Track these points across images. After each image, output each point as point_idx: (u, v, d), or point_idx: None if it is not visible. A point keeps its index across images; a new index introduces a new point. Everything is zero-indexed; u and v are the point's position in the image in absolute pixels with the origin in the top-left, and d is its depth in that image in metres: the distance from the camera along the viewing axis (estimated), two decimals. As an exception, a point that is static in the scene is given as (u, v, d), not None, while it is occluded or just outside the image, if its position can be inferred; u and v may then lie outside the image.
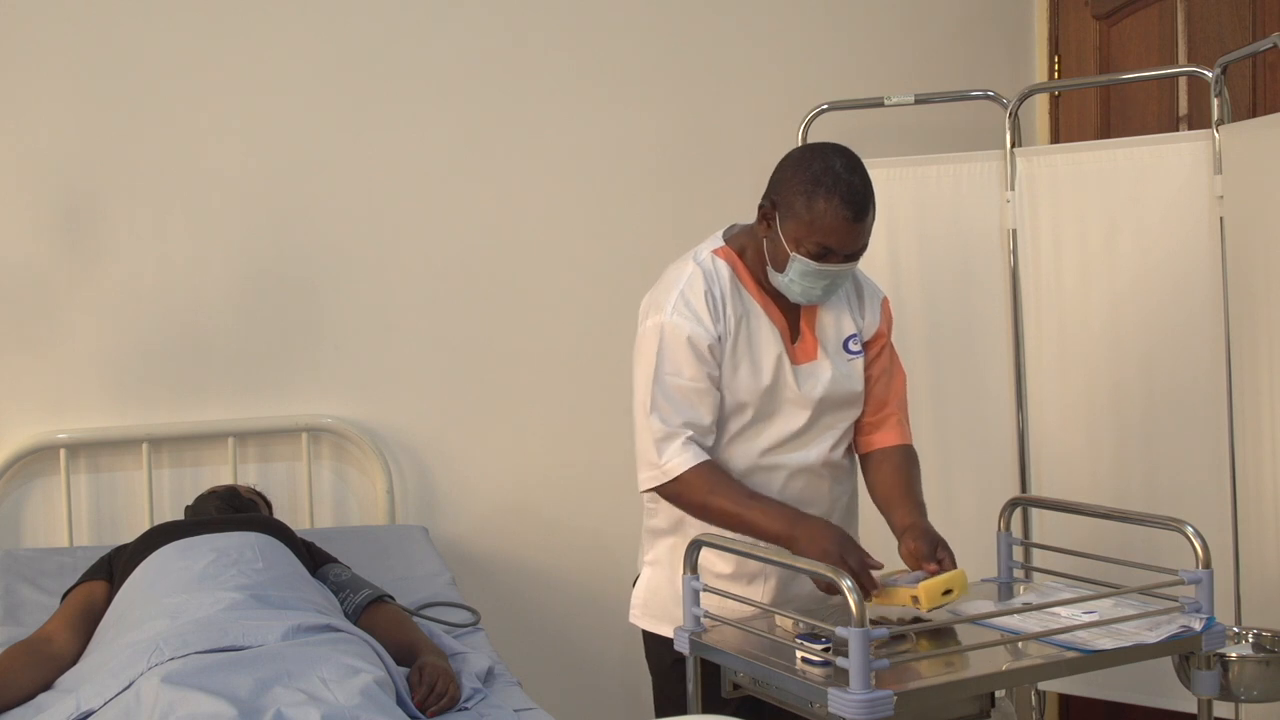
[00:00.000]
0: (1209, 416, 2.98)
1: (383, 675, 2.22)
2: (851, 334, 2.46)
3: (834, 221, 2.25)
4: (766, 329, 2.38)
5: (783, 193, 2.30)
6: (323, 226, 3.32)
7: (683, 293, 2.33)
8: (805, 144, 2.38)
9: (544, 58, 3.49)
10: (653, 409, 2.30)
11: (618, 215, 3.53)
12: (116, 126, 3.17)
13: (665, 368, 2.31)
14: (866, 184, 2.28)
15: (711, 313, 2.32)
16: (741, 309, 2.37)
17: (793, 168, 2.31)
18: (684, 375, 2.30)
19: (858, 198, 2.26)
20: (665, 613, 2.43)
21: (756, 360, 2.36)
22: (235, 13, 3.24)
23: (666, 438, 2.29)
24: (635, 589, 2.52)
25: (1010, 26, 3.85)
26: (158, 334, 3.21)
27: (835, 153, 2.30)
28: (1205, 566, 2.29)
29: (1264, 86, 3.12)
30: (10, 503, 3.12)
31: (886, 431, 2.50)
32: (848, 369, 2.44)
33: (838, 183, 2.24)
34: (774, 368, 2.36)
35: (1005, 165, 3.24)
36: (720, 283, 2.36)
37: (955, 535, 3.25)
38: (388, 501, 3.31)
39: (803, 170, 2.28)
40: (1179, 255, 3.03)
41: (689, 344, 2.30)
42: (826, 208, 2.24)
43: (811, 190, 2.25)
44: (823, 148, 2.33)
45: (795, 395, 2.38)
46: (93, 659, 2.35)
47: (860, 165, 2.30)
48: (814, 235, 2.26)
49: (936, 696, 2.03)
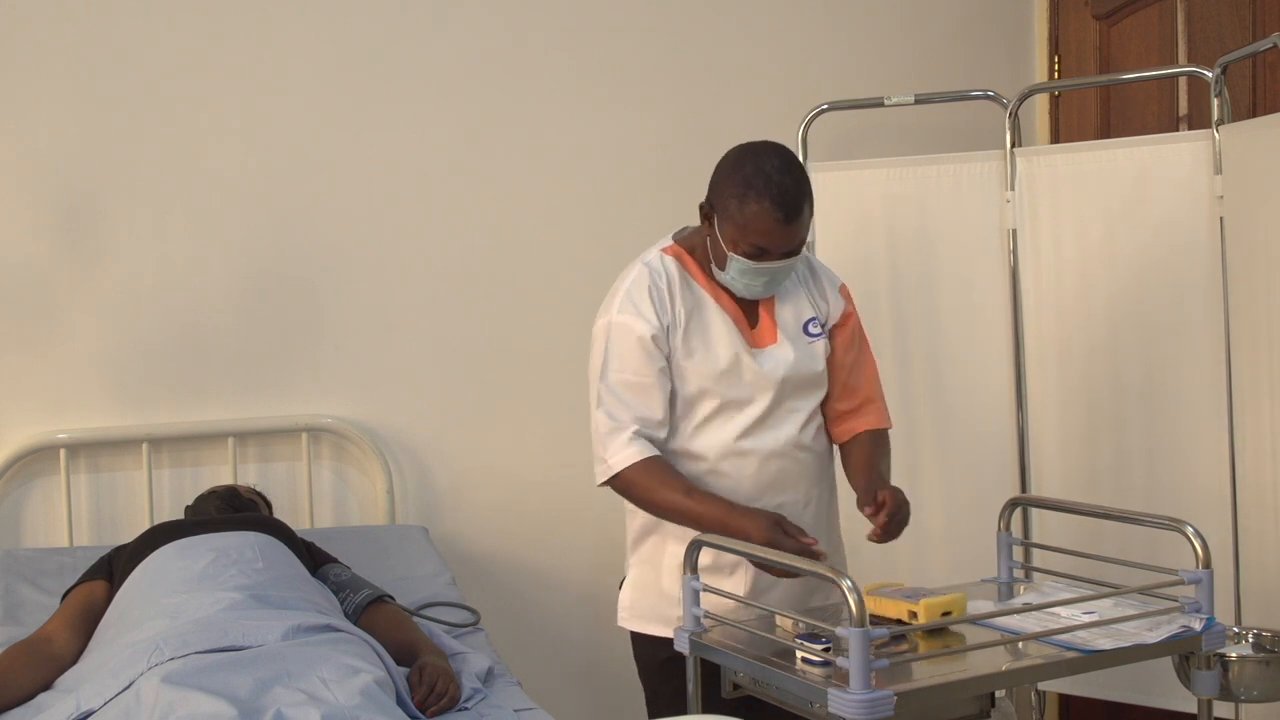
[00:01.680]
0: (1209, 416, 2.98)
1: (383, 675, 2.22)
2: (811, 317, 2.48)
3: (766, 224, 2.28)
4: (719, 317, 2.41)
5: (718, 195, 2.34)
6: (323, 226, 3.32)
7: (628, 291, 2.39)
8: (743, 144, 2.38)
9: (544, 58, 3.49)
10: (599, 405, 2.36)
11: (618, 215, 3.53)
12: (116, 126, 3.17)
13: (612, 365, 2.36)
14: (800, 184, 2.30)
15: (656, 306, 2.36)
16: (692, 301, 2.41)
17: (727, 170, 2.34)
18: (630, 370, 2.35)
19: (789, 199, 2.27)
20: (653, 612, 2.45)
21: (710, 346, 2.39)
22: (235, 13, 3.24)
23: (612, 432, 2.34)
24: (622, 591, 2.53)
25: (1010, 26, 3.85)
26: (158, 334, 3.21)
27: (769, 153, 2.32)
28: (1205, 566, 2.29)
29: (1264, 86, 3.12)
30: (10, 503, 3.12)
31: (863, 418, 2.52)
32: (809, 350, 2.46)
33: (769, 185, 2.27)
34: (730, 352, 2.39)
35: (1005, 165, 3.24)
36: (668, 278, 2.41)
37: (955, 535, 3.28)
38: (388, 501, 3.31)
39: (736, 173, 2.31)
40: (1179, 255, 3.03)
41: (634, 339, 2.35)
42: (758, 210, 2.27)
43: (743, 193, 2.28)
44: (757, 148, 2.35)
45: (756, 377, 2.40)
46: (93, 659, 2.35)
47: (795, 165, 2.32)
48: (748, 237, 2.30)
49: (936, 696, 2.03)
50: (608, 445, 2.34)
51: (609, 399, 2.35)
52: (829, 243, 3.36)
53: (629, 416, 2.34)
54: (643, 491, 2.35)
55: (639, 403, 2.35)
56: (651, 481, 2.33)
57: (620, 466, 2.32)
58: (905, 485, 3.29)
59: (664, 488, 2.32)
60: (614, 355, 2.36)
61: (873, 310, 3.33)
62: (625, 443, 2.32)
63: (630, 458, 2.32)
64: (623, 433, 2.33)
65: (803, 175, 2.32)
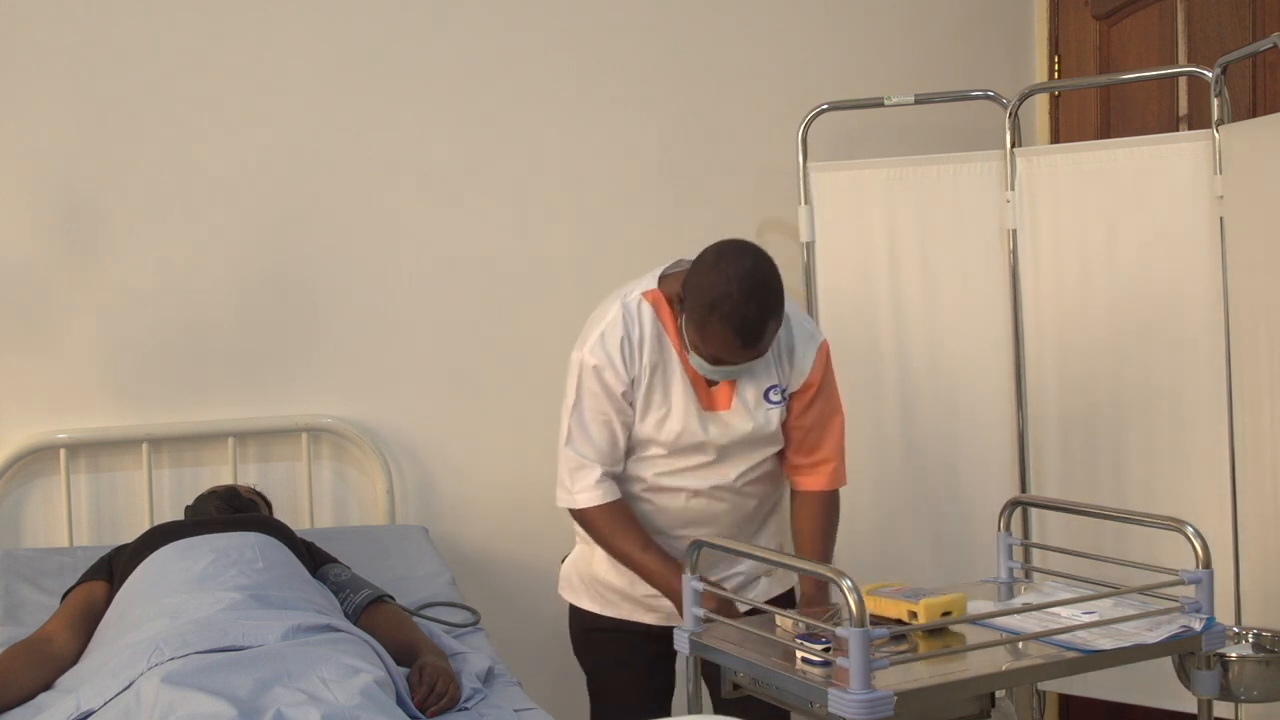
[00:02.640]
0: (1209, 416, 2.98)
1: (383, 675, 2.21)
2: (773, 385, 2.52)
3: (725, 347, 2.35)
4: (679, 378, 2.49)
5: (688, 298, 2.37)
6: (323, 226, 3.32)
7: (603, 334, 2.48)
8: (721, 248, 2.38)
9: (544, 58, 3.49)
10: (568, 441, 2.49)
11: (618, 215, 3.53)
12: (116, 126, 3.17)
13: (583, 403, 2.48)
14: (764, 309, 2.31)
15: (625, 357, 2.45)
16: (658, 355, 2.48)
17: (699, 276, 2.35)
18: (600, 412, 2.47)
19: (750, 328, 2.31)
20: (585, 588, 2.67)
21: (668, 406, 2.49)
22: (235, 13, 3.24)
23: (579, 469, 2.48)
24: (564, 564, 2.75)
25: (1010, 26, 3.85)
26: (158, 334, 3.20)
27: (739, 272, 2.30)
28: (1205, 566, 2.29)
29: (1264, 86, 3.12)
30: (10, 503, 3.12)
31: (816, 477, 2.58)
32: (765, 418, 2.53)
33: (733, 313, 2.29)
34: (683, 416, 2.49)
35: (1005, 165, 3.24)
36: (641, 327, 2.47)
37: (955, 535, 3.28)
38: (388, 501, 3.31)
39: (705, 291, 2.32)
40: (1179, 255, 3.03)
41: (602, 385, 2.46)
42: (720, 333, 2.32)
43: (707, 313, 2.32)
44: (732, 262, 2.33)
45: (702, 441, 2.50)
46: (93, 659, 2.35)
47: (762, 286, 2.31)
48: (709, 349, 2.37)
49: (936, 696, 2.03)
50: (575, 480, 2.49)
51: (578, 436, 2.48)
52: (829, 243, 3.36)
53: (595, 455, 2.48)
54: (601, 533, 2.52)
55: (605, 441, 2.48)
56: (611, 527, 2.49)
57: (585, 505, 2.49)
58: (906, 486, 3.33)
59: (621, 537, 2.49)
60: (585, 394, 2.48)
61: (873, 310, 3.35)
62: (592, 484, 2.48)
63: (595, 499, 2.48)
64: (590, 472, 2.48)
65: (769, 295, 2.32)
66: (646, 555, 2.48)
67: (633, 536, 2.49)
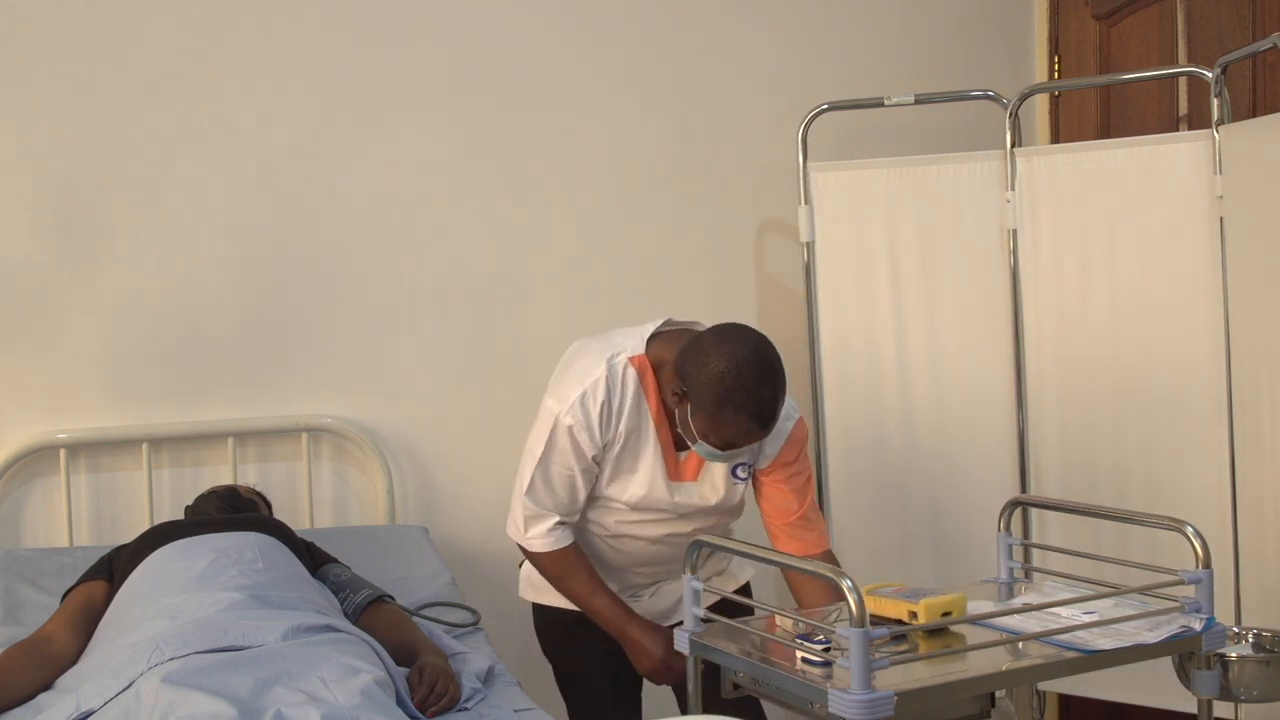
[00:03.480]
0: (1209, 416, 2.98)
1: (383, 675, 2.21)
2: (741, 462, 2.53)
3: (740, 434, 2.34)
4: (652, 448, 2.50)
5: (694, 390, 2.33)
6: (323, 227, 3.32)
7: (584, 396, 2.45)
8: (720, 334, 2.36)
9: (544, 58, 3.49)
10: (529, 491, 2.50)
11: (617, 215, 3.53)
12: (117, 127, 3.17)
13: (551, 458, 2.48)
14: (776, 391, 2.32)
15: (603, 424, 2.45)
16: (635, 422, 2.48)
17: (704, 368, 2.31)
18: (565, 468, 2.48)
19: (765, 412, 2.31)
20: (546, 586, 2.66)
21: (635, 472, 2.50)
22: (235, 13, 3.24)
23: (536, 517, 2.52)
24: (522, 568, 2.76)
25: (1010, 26, 3.85)
26: (158, 334, 3.20)
27: (748, 358, 2.29)
28: (1205, 566, 2.29)
29: (1264, 86, 3.12)
30: (10, 503, 3.12)
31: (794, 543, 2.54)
32: (730, 492, 2.55)
33: (747, 401, 2.29)
34: (648, 482, 2.51)
35: (1005, 165, 3.24)
36: (623, 393, 2.46)
37: (955, 535, 3.28)
38: (388, 501, 3.31)
39: (713, 383, 2.29)
40: (1179, 255, 3.03)
41: (574, 446, 2.46)
42: (735, 421, 2.31)
43: (720, 405, 2.30)
44: (735, 349, 2.30)
45: (667, 506, 2.53)
46: (92, 659, 2.35)
47: (769, 368, 2.31)
48: (721, 437, 2.35)
49: (936, 696, 2.03)
50: (530, 526, 2.52)
51: (540, 488, 2.50)
52: (829, 243, 3.36)
53: (554, 506, 2.51)
54: (551, 575, 2.58)
55: (566, 497, 2.51)
56: (561, 570, 2.55)
57: (539, 550, 2.54)
58: (905, 486, 3.33)
59: (572, 580, 2.55)
60: (555, 450, 2.47)
61: (872, 310, 3.34)
62: (545, 530, 2.52)
63: (548, 545, 2.52)
64: (546, 520, 2.51)
65: (777, 375, 2.32)
66: (596, 600, 2.54)
67: (583, 580, 2.55)
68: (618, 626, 2.52)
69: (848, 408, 3.35)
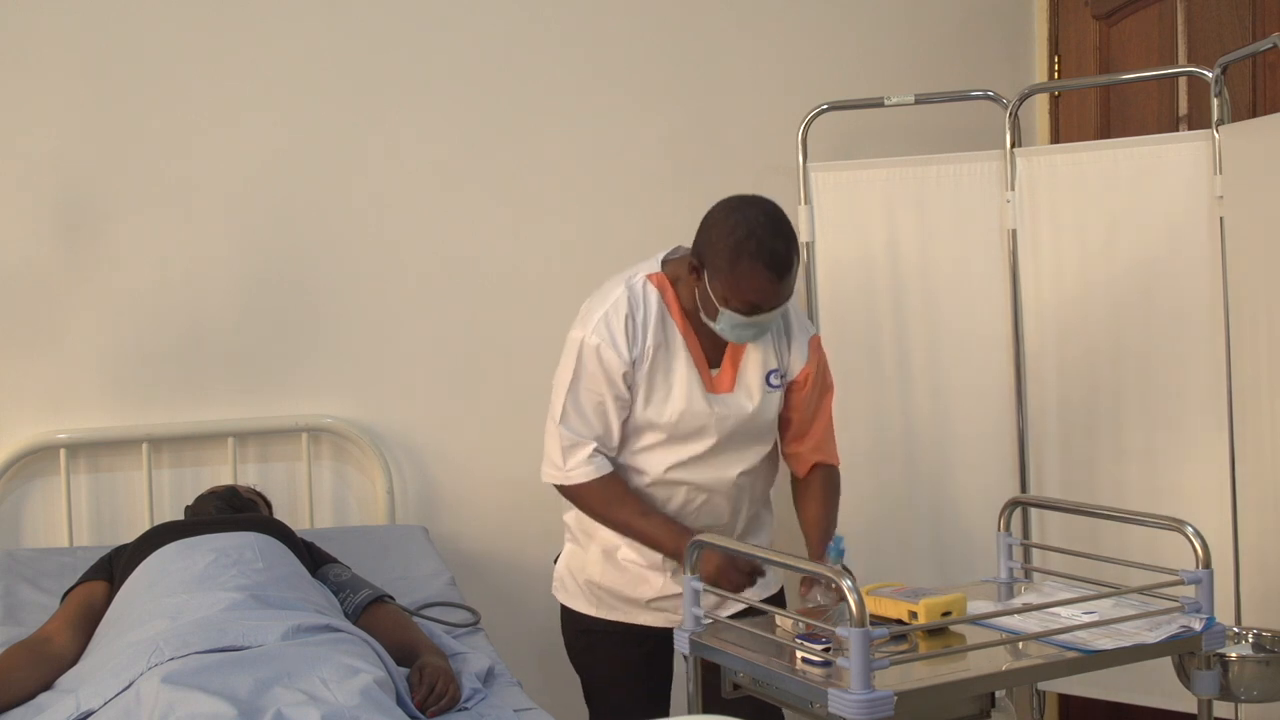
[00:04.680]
0: (1209, 416, 2.98)
1: (383, 675, 2.21)
2: (773, 369, 2.55)
3: (758, 284, 2.35)
4: (684, 359, 2.49)
5: (708, 255, 2.39)
6: (322, 226, 3.32)
7: (606, 314, 2.47)
8: (729, 201, 2.44)
9: (544, 58, 3.48)
10: (563, 419, 2.47)
11: (618, 215, 3.53)
12: (117, 127, 3.17)
13: (581, 383, 2.47)
14: (789, 244, 2.36)
15: (629, 338, 2.45)
16: (662, 336, 2.48)
17: (717, 230, 2.39)
18: (595, 393, 2.46)
19: (780, 261, 2.34)
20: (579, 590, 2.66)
21: (670, 387, 2.49)
22: (235, 13, 3.24)
23: (573, 446, 2.46)
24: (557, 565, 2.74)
25: (1010, 26, 3.85)
26: (158, 334, 3.20)
27: (758, 214, 2.37)
28: (1205, 566, 2.29)
29: (1264, 86, 3.12)
30: (10, 503, 3.12)
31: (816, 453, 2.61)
32: (765, 401, 2.55)
33: (760, 249, 2.33)
34: (686, 396, 2.49)
35: (1005, 165, 3.24)
36: (646, 308, 2.48)
37: (955, 535, 3.28)
38: (388, 501, 3.31)
39: (727, 235, 2.36)
40: (1179, 255, 3.03)
41: (603, 366, 2.45)
42: (751, 273, 2.34)
43: (735, 257, 2.34)
44: (745, 209, 2.40)
45: (707, 422, 2.50)
46: (93, 659, 2.35)
47: (783, 222, 2.38)
48: (741, 295, 2.36)
49: (936, 696, 2.03)
50: (568, 458, 2.47)
51: (573, 415, 2.47)
52: (829, 242, 3.36)
53: (589, 434, 2.47)
54: (597, 507, 2.51)
55: (600, 424, 2.48)
56: (608, 498, 2.49)
57: (579, 480, 2.47)
58: (905, 485, 3.33)
59: (619, 507, 2.49)
60: (583, 375, 2.47)
61: (873, 310, 3.34)
62: (585, 459, 2.47)
63: (589, 474, 2.47)
64: (584, 448, 2.46)
65: (791, 232, 2.38)
66: (649, 520, 2.48)
67: (631, 504, 2.49)
68: (674, 542, 2.44)
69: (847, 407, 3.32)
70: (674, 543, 2.44)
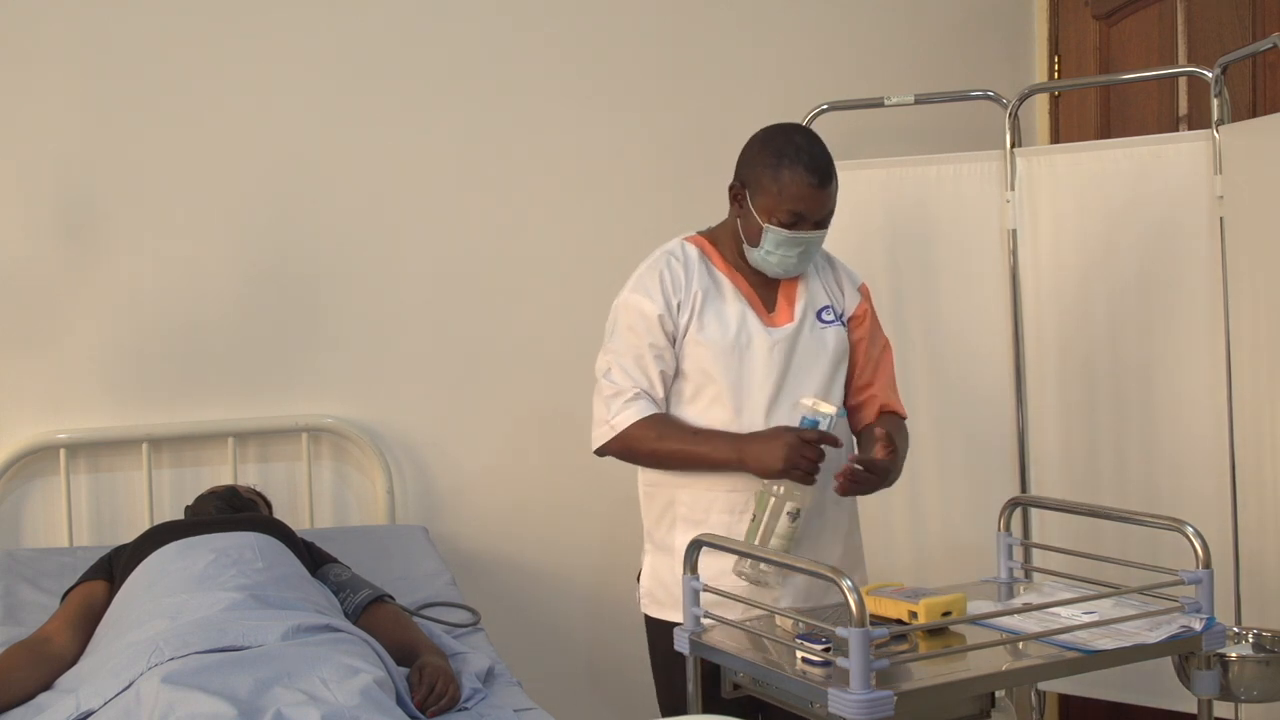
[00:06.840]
0: (1209, 416, 2.98)
1: (382, 675, 2.21)
2: (825, 304, 2.55)
3: (801, 189, 2.38)
4: (734, 298, 2.49)
5: (750, 170, 2.45)
6: (323, 226, 3.32)
7: (641, 274, 2.51)
8: (765, 129, 2.50)
9: (544, 58, 3.49)
10: (606, 374, 2.47)
11: (618, 215, 3.53)
12: (117, 127, 3.17)
13: (618, 338, 2.48)
14: (827, 153, 2.44)
15: (666, 287, 2.46)
16: (709, 282, 2.49)
17: (757, 147, 2.46)
18: (634, 345, 2.46)
19: (821, 165, 2.41)
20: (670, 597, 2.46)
21: (724, 318, 2.46)
22: (236, 13, 3.24)
23: (617, 394, 2.44)
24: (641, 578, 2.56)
25: (1010, 26, 3.85)
26: (158, 334, 3.20)
27: (794, 129, 2.48)
28: (1205, 566, 2.29)
29: (1264, 86, 3.12)
30: (10, 503, 3.12)
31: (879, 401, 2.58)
32: (821, 335, 2.52)
33: (800, 154, 2.40)
34: (739, 318, 2.46)
35: (1005, 165, 3.24)
36: (687, 262, 2.50)
37: (955, 535, 3.28)
38: (388, 501, 3.31)
39: (767, 147, 2.43)
40: (1179, 255, 3.03)
41: (640, 316, 2.45)
42: (792, 178, 2.38)
43: (777, 164, 2.40)
44: (782, 126, 2.49)
45: (765, 352, 2.45)
46: (93, 659, 2.35)
47: (819, 139, 2.46)
48: (784, 204, 2.39)
49: (936, 696, 2.03)
50: (610, 407, 2.44)
51: (615, 369, 2.46)
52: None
53: (631, 384, 2.44)
54: (649, 444, 2.42)
55: (641, 375, 2.45)
56: (656, 432, 2.42)
57: (624, 424, 2.42)
58: (905, 485, 3.32)
59: (669, 437, 2.42)
60: (620, 330, 2.48)
61: (872, 310, 3.34)
62: (627, 403, 2.43)
63: (633, 415, 2.42)
64: (625, 394, 2.43)
65: (826, 148, 2.45)
66: (702, 439, 2.40)
67: (682, 428, 2.43)
68: (733, 450, 2.36)
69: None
70: (733, 450, 2.36)
